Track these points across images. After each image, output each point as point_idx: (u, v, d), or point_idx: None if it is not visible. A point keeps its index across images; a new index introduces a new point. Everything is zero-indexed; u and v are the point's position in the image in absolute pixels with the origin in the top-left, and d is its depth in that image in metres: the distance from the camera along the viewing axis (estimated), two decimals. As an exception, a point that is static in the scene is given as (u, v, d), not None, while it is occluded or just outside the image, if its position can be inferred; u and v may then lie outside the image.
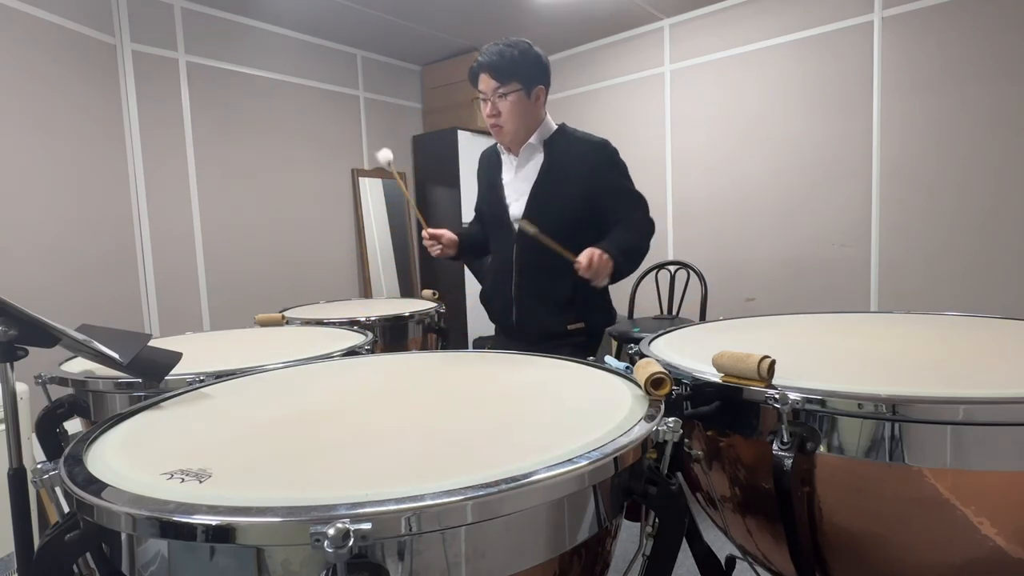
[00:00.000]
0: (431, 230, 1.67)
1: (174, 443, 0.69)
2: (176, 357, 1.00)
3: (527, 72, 1.52)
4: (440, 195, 4.38)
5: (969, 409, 0.67)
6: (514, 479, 0.52)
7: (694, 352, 1.03)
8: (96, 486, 0.55)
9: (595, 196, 1.55)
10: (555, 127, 1.62)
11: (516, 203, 1.62)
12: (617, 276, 1.49)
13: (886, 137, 3.12)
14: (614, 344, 3.14)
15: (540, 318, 1.61)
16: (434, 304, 2.08)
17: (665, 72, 3.88)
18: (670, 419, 0.67)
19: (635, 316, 3.43)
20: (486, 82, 1.53)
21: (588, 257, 1.39)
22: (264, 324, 1.76)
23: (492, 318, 1.77)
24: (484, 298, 1.78)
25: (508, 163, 1.67)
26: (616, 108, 4.08)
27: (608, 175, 1.56)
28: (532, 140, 1.59)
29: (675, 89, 3.85)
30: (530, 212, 1.57)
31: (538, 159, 1.60)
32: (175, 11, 3.23)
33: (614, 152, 1.58)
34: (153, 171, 3.15)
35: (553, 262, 1.54)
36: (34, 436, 1.10)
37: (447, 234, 1.70)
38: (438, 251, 1.69)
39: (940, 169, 2.98)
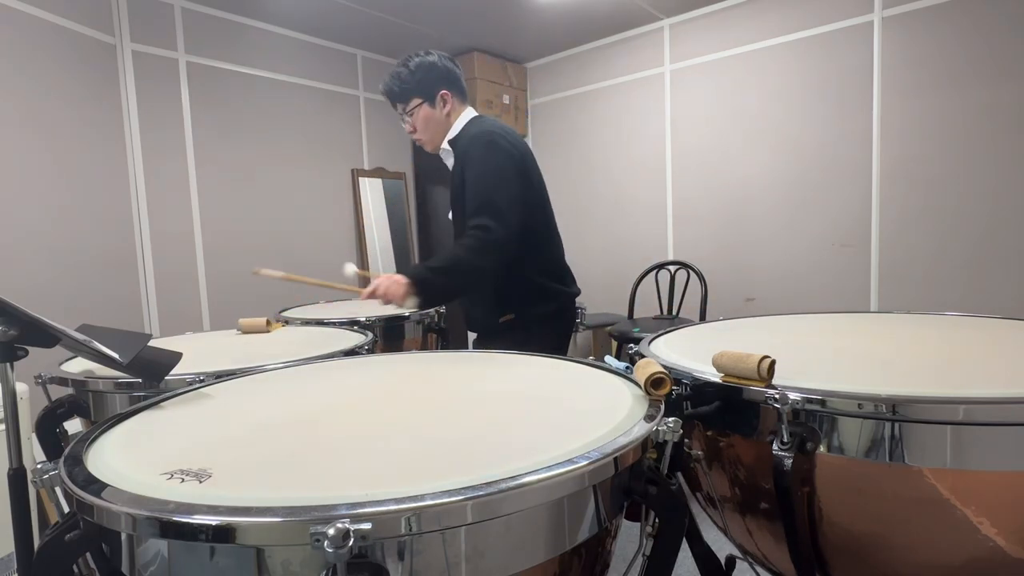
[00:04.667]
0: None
1: (174, 443, 0.69)
2: (176, 357, 1.00)
3: (423, 84, 1.57)
4: (440, 195, 4.38)
5: (969, 409, 0.67)
6: (514, 479, 0.52)
7: (694, 352, 1.03)
8: (96, 486, 0.55)
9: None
10: (464, 123, 1.60)
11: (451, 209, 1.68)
12: (430, 297, 1.43)
13: (886, 137, 3.12)
14: (614, 344, 3.14)
15: (477, 316, 1.68)
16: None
17: (665, 72, 3.88)
18: (670, 419, 0.67)
19: (635, 316, 3.43)
20: (394, 105, 1.62)
21: (380, 281, 1.40)
22: (248, 331, 1.58)
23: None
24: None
25: None
26: (616, 108, 4.08)
27: (468, 169, 1.51)
28: (444, 145, 1.62)
29: (675, 89, 3.85)
30: (452, 213, 1.64)
31: (451, 161, 1.63)
32: (175, 11, 3.23)
33: (479, 145, 1.50)
34: (153, 171, 3.14)
35: None
36: (34, 436, 1.10)
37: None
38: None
39: (940, 169, 2.98)
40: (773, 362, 0.79)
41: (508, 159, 1.50)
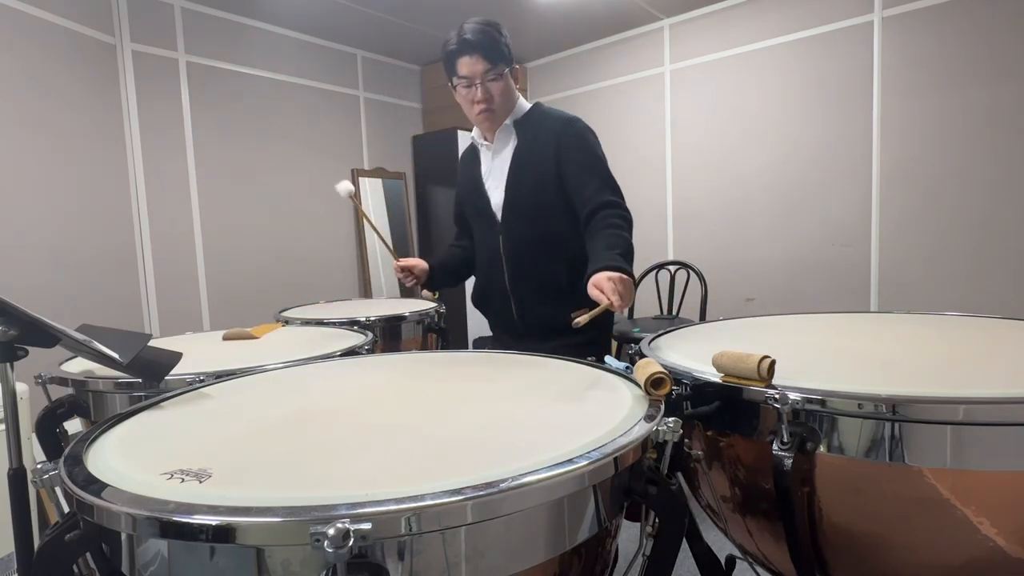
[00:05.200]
0: (403, 261, 1.62)
1: (174, 443, 0.69)
2: (176, 357, 1.00)
3: (509, 52, 1.45)
4: (440, 195, 4.38)
5: (969, 409, 0.67)
6: (514, 479, 0.52)
7: (694, 352, 1.03)
8: (96, 486, 0.55)
9: (564, 174, 1.45)
10: (528, 107, 1.54)
11: (496, 191, 1.55)
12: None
13: (886, 137, 3.12)
14: (614, 344, 3.14)
15: (542, 311, 1.51)
16: (434, 304, 2.08)
17: (665, 72, 3.88)
18: (670, 419, 0.67)
19: (635, 316, 3.43)
20: (474, 65, 1.41)
21: (611, 288, 1.13)
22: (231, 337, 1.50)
23: (491, 319, 1.67)
24: (478, 299, 1.67)
25: (485, 154, 1.60)
26: (616, 108, 4.08)
27: (575, 151, 1.46)
28: (507, 121, 1.51)
29: (675, 89, 3.85)
30: (509, 197, 1.50)
31: (512, 142, 1.52)
32: (175, 11, 3.23)
33: (584, 128, 1.50)
34: (153, 171, 3.15)
35: (544, 248, 1.49)
36: (34, 436, 1.10)
37: (420, 264, 1.63)
38: (412, 282, 1.64)
39: (940, 169, 2.98)
40: (773, 362, 0.79)
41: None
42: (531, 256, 1.51)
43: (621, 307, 1.14)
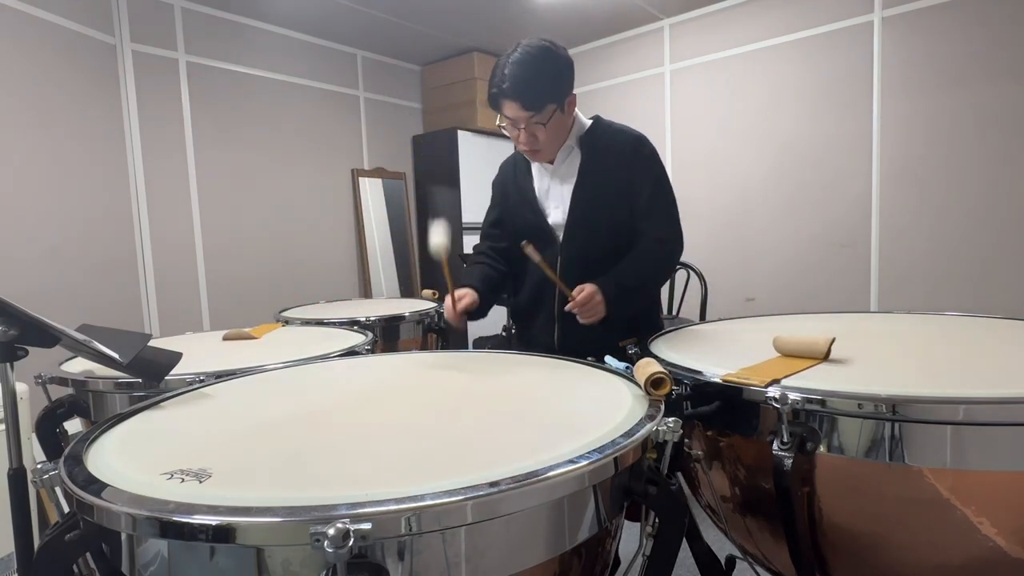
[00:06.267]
0: (460, 307, 1.43)
1: (174, 443, 0.69)
2: (176, 357, 1.00)
3: (559, 86, 1.31)
4: (440, 195, 4.38)
5: (969, 409, 0.67)
6: (514, 479, 0.52)
7: (694, 352, 1.03)
8: (96, 486, 0.55)
9: (633, 193, 1.40)
10: (589, 123, 1.45)
11: (556, 210, 1.44)
12: (616, 315, 1.32)
13: (886, 137, 3.12)
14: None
15: (589, 337, 1.34)
16: (434, 304, 2.08)
17: (665, 72, 3.88)
18: (670, 419, 0.67)
19: (635, 316, 3.43)
20: (515, 111, 1.30)
21: (587, 297, 1.26)
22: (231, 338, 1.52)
23: (527, 333, 1.55)
24: (519, 313, 1.56)
25: (541, 169, 1.49)
26: (616, 108, 4.08)
27: (648, 173, 1.41)
28: (568, 142, 1.42)
29: (675, 89, 3.85)
30: (575, 215, 1.41)
31: (575, 159, 1.43)
32: (175, 11, 3.23)
33: (654, 150, 1.44)
34: (153, 171, 3.14)
35: (603, 271, 1.36)
36: (34, 436, 1.11)
37: (470, 298, 1.45)
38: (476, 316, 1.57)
39: (940, 169, 2.98)
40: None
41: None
42: (589, 279, 1.35)
43: (575, 306, 1.28)
